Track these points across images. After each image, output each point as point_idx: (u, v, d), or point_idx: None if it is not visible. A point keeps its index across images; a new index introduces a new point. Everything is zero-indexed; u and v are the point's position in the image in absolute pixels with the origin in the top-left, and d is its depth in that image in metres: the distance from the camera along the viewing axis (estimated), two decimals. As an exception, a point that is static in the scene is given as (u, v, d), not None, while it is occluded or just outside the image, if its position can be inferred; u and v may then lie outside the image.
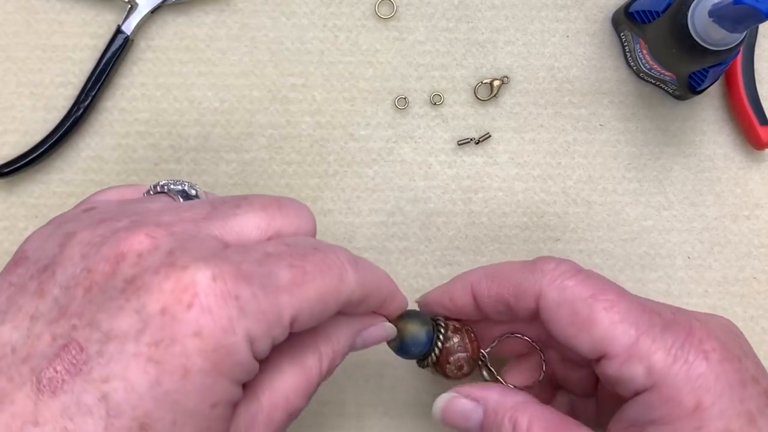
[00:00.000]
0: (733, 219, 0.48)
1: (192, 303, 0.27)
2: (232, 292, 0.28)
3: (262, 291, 0.29)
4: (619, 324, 0.33)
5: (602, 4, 0.49)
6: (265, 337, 0.29)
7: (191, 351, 0.27)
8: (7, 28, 0.48)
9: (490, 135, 0.48)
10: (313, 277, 0.30)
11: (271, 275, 0.29)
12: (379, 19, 0.49)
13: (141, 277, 0.28)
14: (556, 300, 0.35)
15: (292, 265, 0.30)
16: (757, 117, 0.47)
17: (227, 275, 0.28)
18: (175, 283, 0.27)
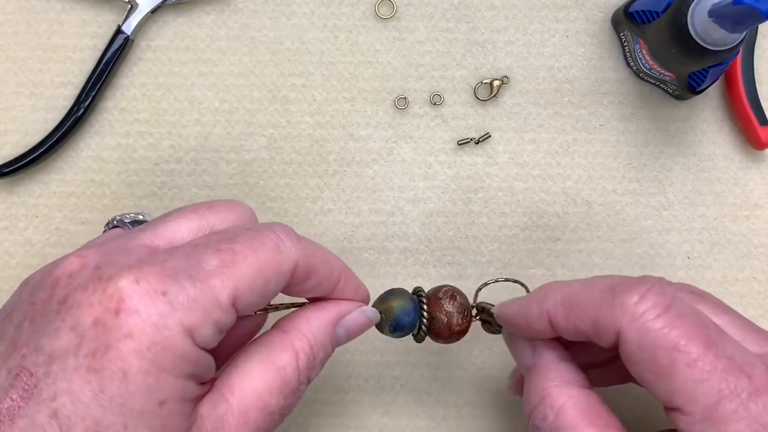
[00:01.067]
0: (732, 219, 0.48)
1: (119, 308, 0.28)
2: (157, 290, 0.28)
3: (190, 281, 0.29)
4: (701, 384, 0.30)
5: (602, 4, 0.49)
6: (203, 325, 0.29)
7: (126, 353, 0.28)
8: (7, 28, 0.48)
9: (490, 135, 0.48)
10: (244, 255, 0.30)
11: (198, 264, 0.30)
12: (379, 19, 0.49)
13: (72, 295, 0.29)
14: (635, 343, 0.31)
15: (219, 249, 0.30)
16: (757, 117, 0.47)
17: (151, 275, 0.29)
18: (101, 294, 0.28)
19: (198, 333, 0.29)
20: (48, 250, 0.48)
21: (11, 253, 0.48)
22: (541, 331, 0.35)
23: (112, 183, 0.48)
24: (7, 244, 0.48)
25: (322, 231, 0.48)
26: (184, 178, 0.48)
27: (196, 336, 0.29)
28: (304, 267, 0.33)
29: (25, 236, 0.48)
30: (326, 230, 0.48)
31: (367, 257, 0.48)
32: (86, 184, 0.48)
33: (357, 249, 0.48)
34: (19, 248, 0.48)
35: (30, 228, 0.48)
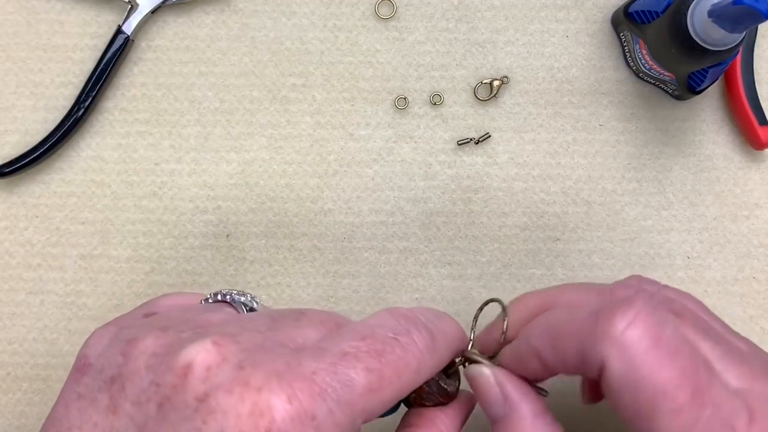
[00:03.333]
0: (732, 219, 0.48)
1: (270, 429, 0.26)
2: (308, 412, 0.27)
3: (337, 405, 0.28)
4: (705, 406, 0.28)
5: (602, 4, 0.49)
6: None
7: None
8: (7, 28, 0.48)
9: (490, 135, 0.48)
10: (390, 381, 0.29)
11: (346, 384, 0.28)
12: (379, 19, 0.49)
13: (214, 395, 0.27)
14: (619, 379, 0.29)
15: (369, 369, 0.29)
16: (757, 117, 0.47)
17: (302, 393, 0.27)
18: (251, 407, 0.26)
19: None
20: (48, 250, 0.48)
21: (11, 253, 0.48)
22: (535, 371, 0.33)
23: (112, 183, 0.48)
24: (7, 244, 0.48)
25: (322, 231, 0.48)
26: (184, 178, 0.48)
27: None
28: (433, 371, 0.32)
29: (25, 236, 0.48)
30: (326, 230, 0.48)
31: (367, 257, 0.48)
32: (86, 184, 0.48)
33: (357, 249, 0.48)
34: (19, 248, 0.48)
35: (30, 228, 0.48)
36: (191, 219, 0.48)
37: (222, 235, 0.48)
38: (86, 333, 0.47)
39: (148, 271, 0.48)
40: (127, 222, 0.48)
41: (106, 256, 0.48)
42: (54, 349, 0.47)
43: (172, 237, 0.48)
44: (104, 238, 0.48)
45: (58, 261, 0.48)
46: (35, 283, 0.48)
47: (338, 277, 0.48)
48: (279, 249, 0.48)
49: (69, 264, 0.48)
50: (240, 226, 0.48)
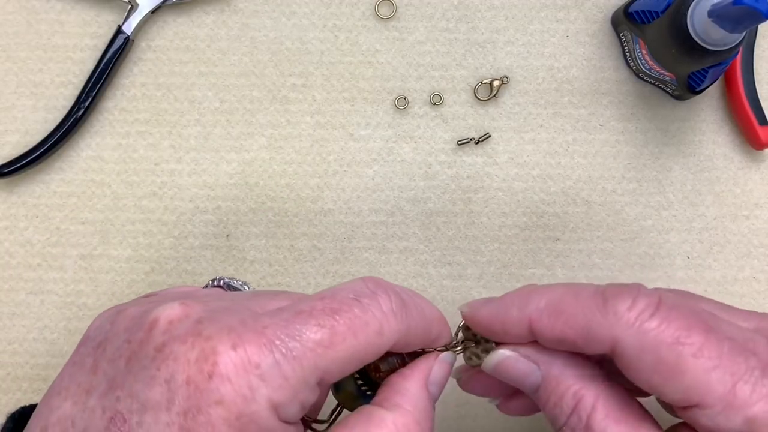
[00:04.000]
0: (732, 219, 0.48)
1: (213, 372, 0.28)
2: (252, 361, 0.28)
3: (284, 357, 0.28)
4: (713, 371, 0.29)
5: (602, 4, 0.49)
6: (290, 403, 0.28)
7: (216, 420, 0.27)
8: (7, 28, 0.48)
9: (490, 135, 0.48)
10: (344, 337, 0.29)
11: (295, 337, 0.29)
12: (379, 19, 0.49)
13: (170, 345, 0.29)
14: (636, 348, 0.30)
15: (321, 325, 0.29)
16: (757, 117, 0.47)
17: (248, 343, 0.28)
18: (198, 353, 0.28)
19: (283, 409, 0.28)
20: (48, 250, 0.48)
21: (11, 253, 0.48)
22: (517, 336, 0.34)
23: (112, 183, 0.48)
24: (7, 244, 0.48)
25: (322, 231, 0.48)
26: (184, 178, 0.48)
27: (281, 412, 0.28)
28: (402, 342, 0.32)
29: (25, 236, 0.48)
30: (326, 230, 0.48)
31: (367, 257, 0.48)
32: (86, 184, 0.48)
33: (357, 249, 0.48)
34: (19, 248, 0.48)
35: (30, 228, 0.48)
36: (191, 219, 0.48)
37: (222, 235, 0.48)
38: (86, 333, 0.47)
39: (148, 271, 0.48)
40: (127, 222, 0.48)
41: (106, 256, 0.48)
42: (54, 349, 0.47)
43: (172, 237, 0.48)
44: (104, 238, 0.48)
45: (58, 261, 0.48)
46: (35, 283, 0.48)
47: (338, 277, 0.48)
48: (279, 249, 0.48)
49: (69, 264, 0.48)
50: (240, 226, 0.48)
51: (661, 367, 0.30)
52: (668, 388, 0.30)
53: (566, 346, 0.32)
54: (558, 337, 0.32)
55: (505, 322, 0.33)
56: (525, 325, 0.33)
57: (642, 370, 0.30)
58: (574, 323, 0.31)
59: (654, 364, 0.30)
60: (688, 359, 0.29)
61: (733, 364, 0.29)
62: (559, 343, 0.32)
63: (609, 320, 0.30)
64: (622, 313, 0.30)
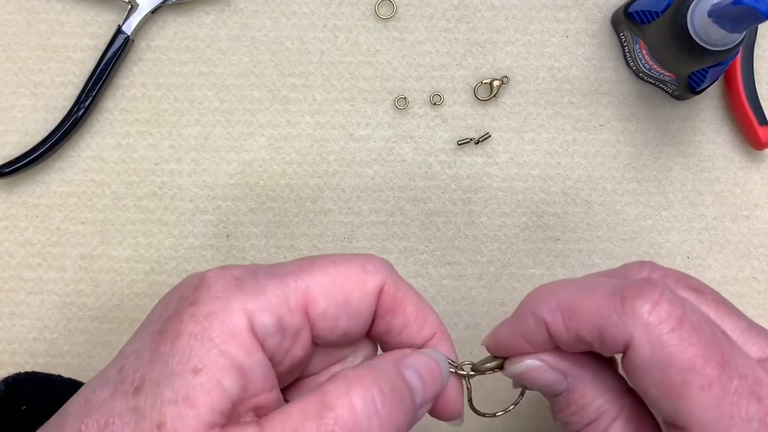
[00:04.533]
0: (732, 219, 0.48)
1: (198, 285, 0.30)
2: (234, 275, 0.30)
3: (265, 275, 0.30)
4: (714, 409, 0.28)
5: (602, 4, 0.49)
6: (264, 312, 0.29)
7: (185, 316, 0.29)
8: (7, 28, 0.48)
9: (490, 135, 0.48)
10: (323, 264, 0.31)
11: (279, 267, 0.31)
12: (379, 19, 0.49)
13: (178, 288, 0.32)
14: (648, 358, 0.29)
15: (302, 260, 0.31)
16: (757, 117, 0.47)
17: (236, 267, 0.31)
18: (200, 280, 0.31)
19: (257, 318, 0.29)
20: (48, 250, 0.48)
21: (11, 253, 0.48)
22: (541, 345, 0.32)
23: (112, 183, 0.48)
24: (7, 244, 0.48)
25: (322, 231, 0.48)
26: (184, 178, 0.48)
27: (255, 320, 0.29)
28: (391, 295, 0.31)
29: (25, 236, 0.48)
30: (326, 230, 0.48)
31: (367, 257, 0.48)
32: (86, 184, 0.48)
33: (357, 249, 0.48)
34: (19, 248, 0.48)
35: (30, 228, 0.48)
36: (191, 219, 0.48)
37: (222, 235, 0.48)
38: (86, 333, 0.47)
39: (148, 271, 0.48)
40: (127, 222, 0.48)
41: (106, 256, 0.48)
42: (54, 349, 0.47)
43: (172, 237, 0.48)
44: (104, 238, 0.48)
45: (58, 261, 0.48)
46: (35, 283, 0.48)
47: (338, 277, 0.48)
48: (279, 249, 0.48)
49: (69, 264, 0.48)
50: (240, 226, 0.48)
51: (665, 384, 0.29)
52: (664, 405, 0.29)
53: (581, 346, 0.31)
54: (573, 338, 0.31)
55: (526, 334, 0.32)
56: (543, 329, 0.32)
57: (646, 379, 0.30)
58: (589, 324, 0.30)
59: (660, 380, 0.29)
60: (694, 389, 0.29)
61: (734, 406, 0.29)
62: (575, 344, 0.31)
63: (626, 322, 0.29)
64: (641, 315, 0.29)
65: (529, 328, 0.32)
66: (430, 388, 0.32)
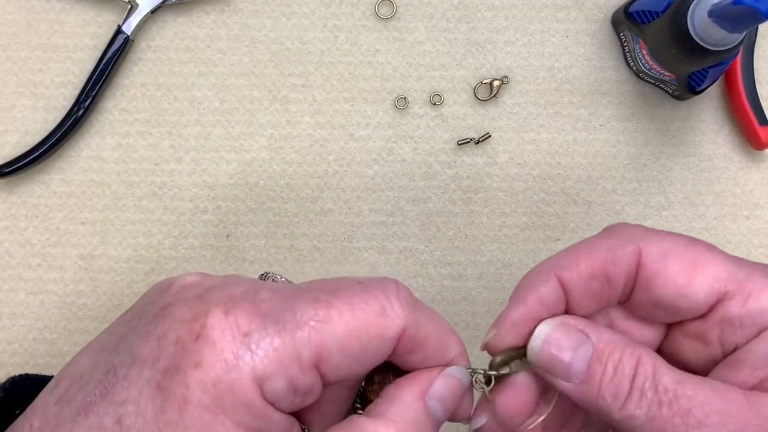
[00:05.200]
0: (732, 219, 0.48)
1: (200, 334, 0.27)
2: (241, 329, 0.27)
3: (275, 327, 0.27)
4: (728, 262, 0.31)
5: (602, 4, 0.49)
6: (275, 378, 0.27)
7: (191, 381, 0.26)
8: (7, 28, 0.48)
9: (490, 135, 0.48)
10: (341, 312, 0.28)
11: (291, 310, 0.28)
12: (379, 19, 0.49)
13: (173, 305, 0.28)
14: (660, 252, 0.31)
15: (317, 299, 0.28)
16: (757, 117, 0.47)
17: (241, 311, 0.27)
18: (192, 315, 0.28)
19: (268, 384, 0.27)
20: (48, 250, 0.48)
21: (11, 253, 0.48)
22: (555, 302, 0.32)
23: (112, 183, 0.48)
24: (7, 244, 0.48)
25: (322, 231, 0.48)
26: (184, 178, 0.48)
27: (266, 387, 0.27)
28: (411, 337, 0.29)
29: (25, 236, 0.48)
30: (326, 230, 0.48)
31: (367, 257, 0.48)
32: (86, 184, 0.48)
33: (357, 249, 0.48)
34: (19, 248, 0.48)
35: (30, 228, 0.48)
36: (191, 219, 0.48)
37: (222, 235, 0.48)
38: (86, 333, 0.47)
39: (148, 271, 0.48)
40: (127, 222, 0.48)
41: (106, 256, 0.48)
42: (54, 349, 0.47)
43: (172, 237, 0.48)
44: (104, 238, 0.48)
45: (58, 261, 0.48)
46: (35, 283, 0.48)
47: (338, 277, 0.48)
48: (279, 249, 0.48)
49: (69, 264, 0.48)
50: (240, 226, 0.48)
51: (687, 264, 0.31)
52: (695, 285, 0.30)
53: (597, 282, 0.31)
54: (586, 274, 0.31)
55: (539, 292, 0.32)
56: (554, 282, 0.31)
57: (668, 271, 0.31)
58: (596, 255, 0.31)
59: (680, 263, 0.31)
60: (707, 255, 0.31)
61: (744, 262, 0.31)
62: (590, 281, 0.31)
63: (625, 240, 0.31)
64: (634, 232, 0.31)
65: (541, 286, 0.31)
66: (451, 408, 0.31)
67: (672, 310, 0.32)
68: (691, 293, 0.31)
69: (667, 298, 0.31)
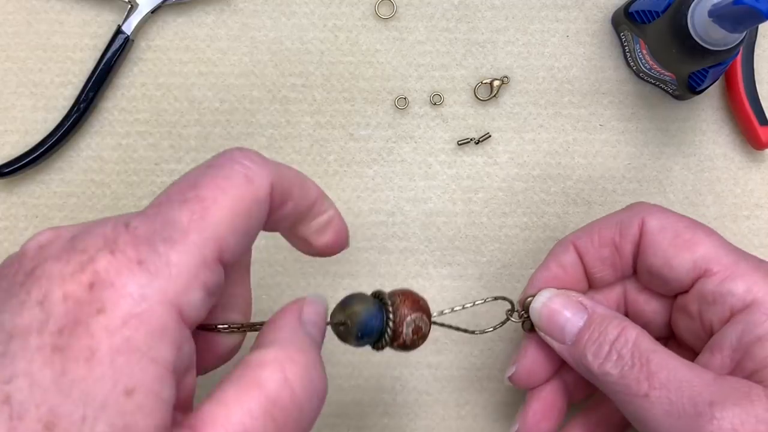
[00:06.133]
0: (733, 219, 0.48)
1: (93, 282, 0.25)
2: (133, 259, 0.26)
3: (165, 244, 0.26)
4: (721, 247, 0.36)
5: (602, 4, 0.49)
6: (191, 289, 0.26)
7: (96, 330, 0.24)
8: (7, 28, 0.48)
9: (490, 135, 0.48)
10: (214, 199, 0.28)
11: (169, 223, 0.27)
12: (379, 19, 0.49)
13: (41, 266, 0.26)
14: (659, 225, 0.37)
15: (185, 200, 0.28)
16: (757, 117, 0.47)
17: (125, 245, 0.26)
18: (74, 267, 0.26)
19: (186, 299, 0.26)
20: (48, 250, 0.48)
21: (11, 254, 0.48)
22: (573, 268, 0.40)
23: (112, 183, 0.48)
24: (7, 244, 0.48)
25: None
26: (184, 178, 0.48)
27: (184, 304, 0.26)
28: (279, 189, 0.30)
29: (25, 236, 0.48)
30: (326, 230, 0.48)
31: (367, 257, 0.48)
32: (86, 184, 0.48)
33: (357, 249, 0.48)
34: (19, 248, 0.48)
35: (30, 228, 0.48)
36: (191, 219, 0.48)
37: (222, 235, 0.48)
38: (86, 333, 0.47)
39: (148, 271, 0.48)
40: (127, 222, 0.48)
41: (106, 256, 0.48)
42: (54, 349, 0.47)
43: (172, 237, 0.48)
44: (104, 238, 0.48)
45: (58, 261, 0.48)
46: (35, 283, 0.48)
47: (338, 277, 0.48)
48: (279, 249, 0.48)
49: (69, 264, 0.48)
50: (240, 226, 0.48)
51: (678, 240, 0.36)
52: (681, 259, 0.36)
53: (607, 250, 0.39)
54: (598, 242, 0.39)
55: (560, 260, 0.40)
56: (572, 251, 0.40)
57: (661, 243, 0.36)
58: (609, 224, 0.39)
59: (672, 238, 0.36)
60: (701, 235, 0.36)
61: (736, 249, 0.37)
62: (601, 248, 0.39)
63: (635, 212, 0.38)
64: (645, 206, 0.39)
65: (561, 255, 0.40)
66: (322, 329, 0.32)
67: (660, 279, 0.37)
68: (676, 265, 0.36)
69: (656, 266, 0.37)
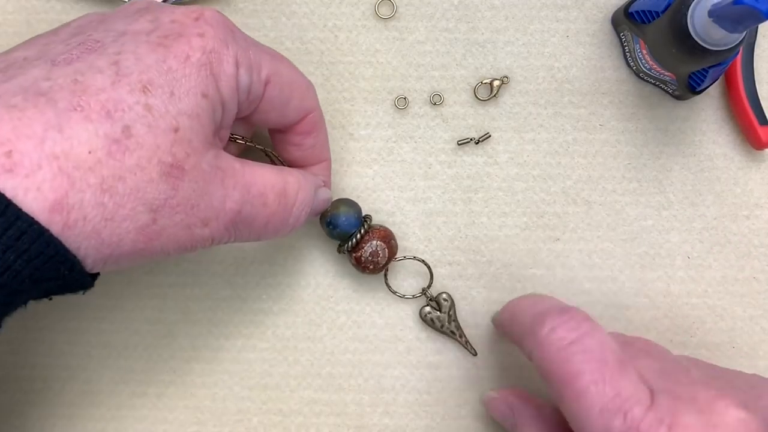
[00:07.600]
0: (732, 219, 0.48)
1: (199, 17, 0.34)
2: (230, 25, 0.35)
3: (253, 43, 0.37)
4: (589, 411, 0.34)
5: (602, 4, 0.49)
6: (246, 68, 0.35)
7: (194, 44, 0.33)
8: (7, 28, 0.48)
9: (490, 135, 0.48)
10: (282, 59, 0.39)
11: (256, 43, 0.37)
12: (379, 19, 0.49)
13: (152, 5, 0.35)
14: (538, 368, 0.36)
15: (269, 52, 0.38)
16: (757, 117, 0.47)
17: (231, 23, 0.36)
18: (186, 10, 0.34)
19: (241, 70, 0.35)
20: (48, 250, 0.48)
21: (11, 253, 0.48)
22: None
23: (112, 183, 0.48)
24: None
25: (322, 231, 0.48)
26: (184, 178, 0.48)
27: (239, 71, 0.35)
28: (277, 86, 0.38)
29: (25, 236, 0.48)
30: (326, 230, 0.48)
31: (367, 257, 0.48)
32: (86, 184, 0.48)
33: (357, 249, 0.48)
34: None
35: (30, 228, 0.48)
36: (191, 219, 0.48)
37: (222, 235, 0.48)
38: (87, 333, 0.47)
39: (147, 271, 0.48)
40: (127, 222, 0.48)
41: (106, 256, 0.48)
42: (54, 350, 0.47)
43: (172, 237, 0.48)
44: (104, 238, 0.48)
45: (58, 261, 0.48)
46: (35, 283, 0.48)
47: (338, 276, 0.48)
48: (278, 249, 0.48)
49: (69, 264, 0.48)
50: (240, 226, 0.48)
51: (551, 388, 0.35)
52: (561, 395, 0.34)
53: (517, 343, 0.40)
54: (510, 336, 0.42)
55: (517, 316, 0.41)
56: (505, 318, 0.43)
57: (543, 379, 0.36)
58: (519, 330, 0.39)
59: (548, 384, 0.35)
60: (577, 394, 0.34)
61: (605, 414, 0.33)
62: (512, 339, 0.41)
63: (530, 339, 0.36)
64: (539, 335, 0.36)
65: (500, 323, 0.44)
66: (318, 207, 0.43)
67: None
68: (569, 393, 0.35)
69: None
